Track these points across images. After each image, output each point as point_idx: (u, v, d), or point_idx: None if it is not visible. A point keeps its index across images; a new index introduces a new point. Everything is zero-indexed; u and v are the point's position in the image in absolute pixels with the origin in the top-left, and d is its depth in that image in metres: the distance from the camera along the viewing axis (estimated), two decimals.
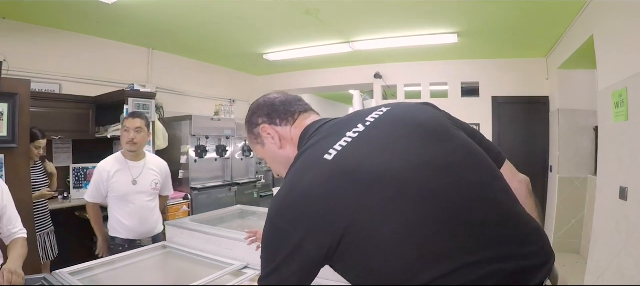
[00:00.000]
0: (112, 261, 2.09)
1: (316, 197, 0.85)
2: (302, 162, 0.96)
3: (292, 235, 0.85)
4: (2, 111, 2.84)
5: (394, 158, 0.88)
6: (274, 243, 0.90)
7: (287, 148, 1.14)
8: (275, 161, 1.19)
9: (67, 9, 3.84)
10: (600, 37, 3.27)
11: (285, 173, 1.10)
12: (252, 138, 1.22)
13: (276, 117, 1.16)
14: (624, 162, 2.70)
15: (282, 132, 1.15)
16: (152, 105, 4.18)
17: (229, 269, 1.86)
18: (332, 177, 0.86)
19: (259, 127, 1.17)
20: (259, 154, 1.24)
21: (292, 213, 0.87)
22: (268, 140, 1.16)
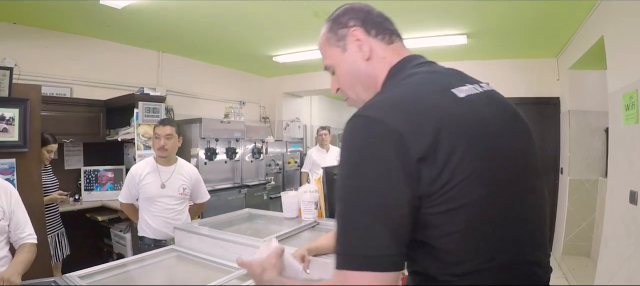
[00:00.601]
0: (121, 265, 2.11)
1: (447, 117, 0.75)
2: (421, 82, 0.86)
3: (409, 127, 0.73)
4: (13, 116, 2.89)
5: (513, 140, 0.87)
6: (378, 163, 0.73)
7: (374, 64, 0.98)
8: (353, 75, 1.01)
9: (77, 14, 3.90)
10: (610, 37, 3.23)
11: (361, 92, 1.00)
12: (332, 39, 1.02)
13: (372, 26, 1.00)
14: (634, 166, 2.67)
15: (375, 46, 0.98)
16: (161, 109, 4.21)
17: (236, 273, 1.86)
18: (465, 116, 0.78)
19: (348, 28, 0.99)
20: (328, 59, 1.05)
21: (411, 112, 0.76)
22: (353, 46, 0.99)
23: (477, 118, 0.80)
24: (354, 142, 0.78)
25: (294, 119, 7.67)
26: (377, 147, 0.74)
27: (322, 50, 1.06)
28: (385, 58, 0.97)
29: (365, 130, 0.76)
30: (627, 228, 2.70)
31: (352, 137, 0.78)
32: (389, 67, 0.97)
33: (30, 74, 4.07)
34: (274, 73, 7.30)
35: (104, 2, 3.51)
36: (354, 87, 1.02)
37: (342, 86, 1.05)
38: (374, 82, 0.97)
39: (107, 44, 4.87)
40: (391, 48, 0.99)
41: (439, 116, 0.75)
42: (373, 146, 0.74)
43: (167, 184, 2.79)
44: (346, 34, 0.99)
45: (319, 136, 5.45)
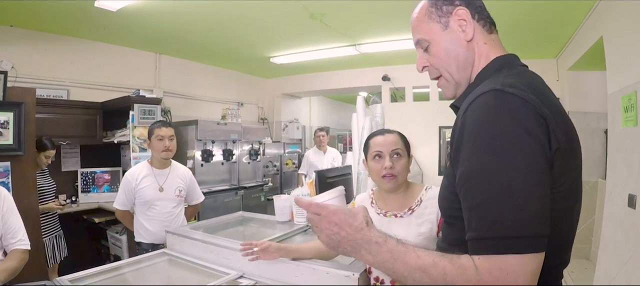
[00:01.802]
0: (112, 269, 2.10)
1: (567, 121, 0.82)
2: (540, 79, 0.90)
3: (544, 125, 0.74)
4: (7, 120, 2.89)
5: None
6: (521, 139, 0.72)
7: (475, 48, 0.96)
8: (450, 53, 0.97)
9: (73, 16, 3.90)
10: (609, 38, 3.20)
11: (454, 71, 0.98)
12: (433, 14, 0.99)
13: (475, 10, 0.97)
14: (633, 169, 2.63)
15: (477, 30, 0.96)
16: (157, 111, 4.20)
17: (225, 278, 1.85)
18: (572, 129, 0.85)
19: (454, 6, 0.96)
20: (423, 33, 1.01)
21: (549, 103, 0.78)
22: (456, 25, 0.96)
23: (574, 133, 0.85)
24: (500, 116, 0.74)
25: (292, 120, 7.65)
26: (527, 125, 0.72)
27: (418, 24, 1.03)
28: (486, 45, 0.96)
29: (514, 105, 0.74)
30: (625, 233, 2.66)
31: (499, 110, 0.74)
32: (490, 57, 0.95)
33: (27, 77, 4.07)
34: (273, 75, 7.29)
35: (99, 5, 3.50)
36: (449, 66, 0.99)
37: (435, 63, 1.01)
38: (470, 65, 0.96)
39: (105, 46, 4.86)
40: (491, 38, 0.98)
41: (564, 117, 0.80)
42: (524, 122, 0.72)
43: (164, 187, 2.78)
44: (452, 11, 0.96)
45: (316, 137, 5.43)
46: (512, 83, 0.78)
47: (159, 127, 2.78)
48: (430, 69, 1.04)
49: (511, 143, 0.71)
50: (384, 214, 1.58)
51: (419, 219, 1.51)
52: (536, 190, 0.70)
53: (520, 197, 0.70)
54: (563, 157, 0.74)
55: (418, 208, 1.53)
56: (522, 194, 0.70)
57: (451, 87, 1.02)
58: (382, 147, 1.57)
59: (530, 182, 0.70)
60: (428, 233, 1.47)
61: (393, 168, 1.53)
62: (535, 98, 0.74)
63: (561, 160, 0.74)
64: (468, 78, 0.98)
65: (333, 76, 6.88)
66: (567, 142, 0.75)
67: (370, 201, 1.67)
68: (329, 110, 9.64)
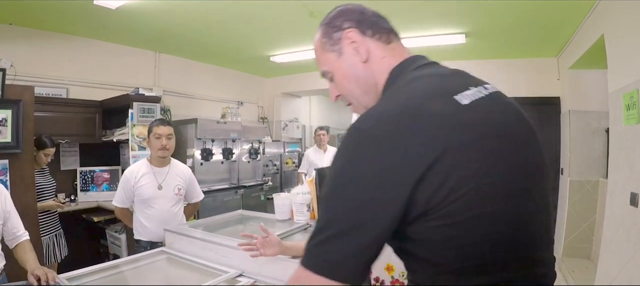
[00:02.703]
0: (110, 267, 2.09)
1: (446, 128, 0.71)
2: (423, 89, 0.80)
3: (400, 165, 0.69)
4: (6, 117, 2.87)
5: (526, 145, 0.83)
6: (367, 177, 0.70)
7: (373, 66, 0.93)
8: (352, 78, 0.96)
9: (72, 14, 3.89)
10: (610, 37, 3.19)
11: (359, 96, 0.96)
12: (327, 44, 0.97)
13: (368, 26, 0.95)
14: (635, 168, 2.62)
15: (372, 47, 0.93)
16: (156, 109, 4.19)
17: (224, 277, 1.84)
18: (469, 125, 0.73)
19: (342, 31, 0.95)
20: (324, 65, 1.00)
21: (409, 138, 0.70)
22: (349, 49, 0.94)
23: (481, 127, 0.75)
24: (347, 155, 0.76)
25: (292, 119, 7.64)
26: (369, 164, 0.71)
27: (318, 57, 1.02)
28: (384, 58, 0.93)
29: (360, 145, 0.73)
30: (627, 232, 2.65)
31: (346, 149, 0.76)
32: (389, 69, 0.92)
33: (26, 75, 4.06)
34: (273, 74, 7.28)
35: (98, 3, 3.48)
36: (354, 92, 0.97)
37: (341, 92, 1.00)
38: (373, 84, 0.93)
39: (104, 44, 4.85)
40: (390, 47, 0.95)
41: (439, 130, 0.71)
42: (365, 162, 0.71)
43: (163, 185, 2.76)
44: (341, 37, 0.95)
45: (316, 136, 5.41)
46: (373, 114, 0.77)
47: (157, 126, 2.75)
48: (342, 98, 1.02)
49: (348, 180, 0.73)
50: None
51: None
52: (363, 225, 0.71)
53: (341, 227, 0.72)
54: (438, 175, 0.68)
55: None
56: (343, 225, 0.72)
57: (363, 111, 0.99)
58: None
59: (356, 218, 0.72)
60: None
61: None
62: (387, 129, 0.71)
63: (437, 179, 0.68)
64: (377, 98, 0.94)
65: None
66: (440, 157, 0.68)
67: None
68: (329, 109, 9.62)
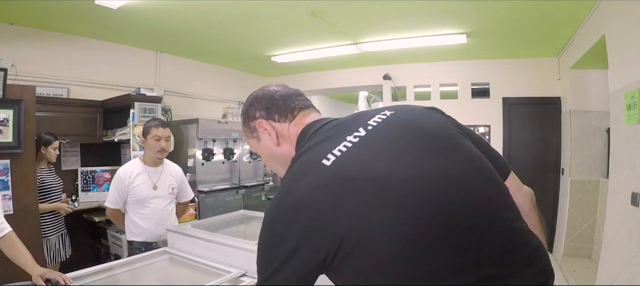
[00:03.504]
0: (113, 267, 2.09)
1: (313, 203, 0.80)
2: (300, 166, 0.91)
3: (288, 240, 0.80)
4: (7, 117, 2.87)
5: (397, 166, 0.83)
6: (269, 247, 0.85)
7: (284, 146, 1.09)
8: (271, 158, 1.13)
9: (73, 14, 3.88)
10: (611, 37, 3.19)
11: (281, 171, 1.09)
12: (248, 132, 1.14)
13: (275, 112, 1.10)
14: (636, 167, 2.62)
15: (280, 129, 1.09)
16: (158, 109, 4.19)
17: (227, 277, 1.84)
18: (329, 184, 0.81)
19: (255, 121, 1.11)
20: (253, 148, 1.18)
21: (289, 218, 0.82)
22: (264, 136, 1.10)
23: (341, 179, 0.82)
24: (261, 231, 0.88)
25: None
26: (271, 244, 0.85)
27: (246, 141, 1.18)
28: (290, 137, 1.07)
29: (263, 228, 0.88)
30: (628, 231, 2.65)
31: (262, 226, 0.89)
32: (295, 142, 1.06)
33: (27, 75, 4.05)
34: (274, 74, 7.27)
35: (99, 3, 3.48)
36: (276, 169, 1.14)
37: (266, 165, 1.18)
38: (287, 161, 1.01)
39: (105, 44, 4.84)
40: (293, 124, 1.08)
41: (304, 208, 0.81)
42: (268, 243, 0.86)
43: (158, 185, 2.75)
44: (255, 126, 1.11)
45: None
46: (275, 204, 0.88)
47: (156, 127, 2.73)
48: (269, 170, 1.20)
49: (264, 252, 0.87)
50: None
51: None
52: None
53: None
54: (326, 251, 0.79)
55: None
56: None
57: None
58: None
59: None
60: None
61: None
62: (289, 217, 0.83)
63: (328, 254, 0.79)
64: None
65: (334, 75, 6.86)
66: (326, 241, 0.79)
67: None
68: (330, 109, 9.62)
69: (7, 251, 1.88)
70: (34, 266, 1.82)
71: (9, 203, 2.89)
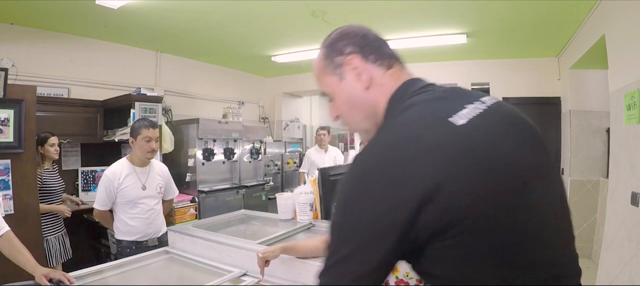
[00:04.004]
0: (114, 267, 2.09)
1: (437, 159, 0.70)
2: (418, 116, 0.79)
3: (399, 194, 0.69)
4: (8, 117, 2.87)
5: (522, 151, 0.80)
6: (371, 200, 0.72)
7: (373, 92, 0.93)
8: (352, 103, 0.96)
9: (74, 14, 3.89)
10: (611, 37, 3.19)
11: (359, 121, 0.97)
12: (327, 67, 0.97)
13: (370, 52, 0.94)
14: (636, 167, 2.63)
15: (374, 73, 0.93)
16: (158, 109, 4.19)
17: (228, 276, 1.84)
18: (458, 144, 0.72)
19: (345, 56, 0.94)
20: (325, 87, 1.00)
21: (406, 169, 0.70)
22: (351, 75, 0.94)
23: (477, 146, 0.74)
24: (351, 184, 0.78)
25: (293, 119, 7.64)
26: (372, 194, 0.73)
27: (318, 78, 1.02)
28: (384, 85, 0.92)
29: (363, 175, 0.75)
30: (628, 231, 2.66)
31: (350, 179, 0.78)
32: (388, 95, 0.91)
33: (28, 75, 4.06)
34: (274, 74, 7.28)
35: (100, 3, 3.49)
36: (354, 117, 0.97)
37: (341, 115, 1.00)
38: (374, 111, 0.93)
39: (105, 44, 4.85)
40: (389, 73, 0.94)
41: (437, 161, 0.70)
42: (368, 192, 0.73)
43: (147, 185, 2.76)
44: (343, 62, 0.94)
45: (317, 136, 5.41)
46: (371, 147, 0.79)
47: (146, 127, 2.70)
48: (341, 119, 1.02)
49: (351, 211, 0.76)
50: None
51: None
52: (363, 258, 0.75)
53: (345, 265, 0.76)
54: (437, 201, 0.68)
55: None
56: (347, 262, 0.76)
57: (363, 135, 1.01)
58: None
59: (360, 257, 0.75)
60: None
61: None
62: (387, 163, 0.73)
63: (437, 205, 0.69)
64: (377, 124, 0.94)
65: None
66: (439, 185, 0.68)
67: None
68: None
69: (6, 251, 1.87)
70: (35, 265, 1.82)
71: (10, 203, 2.90)
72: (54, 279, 1.74)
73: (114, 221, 2.75)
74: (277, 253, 1.65)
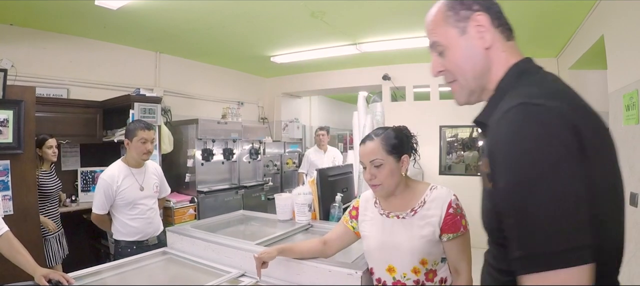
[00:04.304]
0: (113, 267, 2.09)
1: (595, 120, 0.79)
2: (564, 83, 0.86)
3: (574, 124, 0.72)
4: (7, 118, 2.88)
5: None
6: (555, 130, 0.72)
7: (492, 56, 0.93)
8: (467, 60, 0.95)
9: (73, 14, 3.88)
10: (610, 37, 3.19)
11: (468, 78, 0.96)
12: (450, 18, 0.96)
13: (495, 16, 0.94)
14: (635, 167, 2.63)
15: (496, 38, 0.93)
16: (157, 110, 4.19)
17: (227, 277, 1.84)
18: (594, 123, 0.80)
19: (472, 11, 0.94)
20: (439, 37, 0.99)
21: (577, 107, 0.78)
22: (474, 31, 0.93)
23: (602, 125, 0.83)
24: (531, 130, 0.73)
25: (293, 119, 7.64)
26: (560, 135, 0.71)
27: (434, 26, 0.99)
28: (504, 52, 0.93)
29: (543, 117, 0.73)
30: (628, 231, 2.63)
31: (529, 124, 0.74)
32: (508, 64, 0.93)
33: (27, 75, 4.06)
34: (273, 74, 7.28)
35: (99, 3, 3.49)
36: (465, 73, 0.97)
37: (450, 68, 0.99)
38: (486, 72, 0.94)
39: (105, 44, 4.85)
40: (509, 45, 0.95)
41: (592, 114, 0.79)
42: (556, 133, 0.72)
43: (144, 185, 2.79)
44: (470, 16, 0.94)
45: (316, 136, 5.42)
46: (537, 93, 0.78)
47: (142, 129, 2.72)
48: (445, 74, 1.01)
49: (546, 156, 0.71)
50: (386, 215, 1.56)
51: (421, 221, 1.48)
52: (578, 201, 0.69)
53: (564, 210, 0.69)
54: (596, 157, 0.73)
55: (421, 210, 1.50)
56: (565, 206, 0.69)
57: (464, 94, 1.00)
58: (363, 158, 1.55)
59: (571, 193, 0.69)
60: (430, 236, 1.45)
61: (375, 178, 1.51)
62: (562, 105, 0.74)
63: (594, 161, 0.73)
64: (483, 86, 0.96)
65: (333, 75, 6.88)
66: (598, 140, 0.75)
67: (374, 201, 1.65)
68: (330, 109, 9.63)
69: (5, 251, 1.87)
70: (35, 266, 1.82)
71: (9, 204, 2.90)
72: (53, 280, 1.75)
73: (113, 224, 2.75)
74: (274, 254, 1.65)
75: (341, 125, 9.64)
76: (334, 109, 9.84)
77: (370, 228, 1.59)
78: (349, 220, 1.70)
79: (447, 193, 1.50)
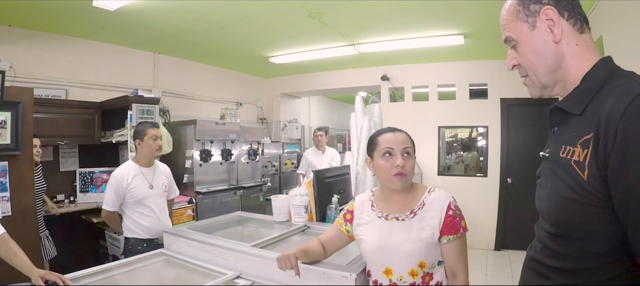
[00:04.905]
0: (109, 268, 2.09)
1: None
2: None
3: None
4: (5, 119, 2.87)
5: None
6: None
7: (563, 49, 0.93)
8: (538, 55, 0.96)
9: (71, 15, 3.89)
10: (609, 38, 3.18)
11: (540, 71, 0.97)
12: (521, 13, 0.98)
13: (565, 8, 0.93)
14: None
15: (566, 30, 0.93)
16: (155, 110, 4.19)
17: (222, 278, 1.84)
18: None
19: (541, 5, 0.94)
20: (511, 32, 1.01)
21: None
22: (543, 26, 0.94)
23: None
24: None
25: (291, 120, 7.64)
26: None
27: (507, 22, 1.01)
28: (577, 46, 0.93)
29: None
30: None
31: None
32: (584, 59, 0.93)
33: (26, 76, 4.07)
34: (272, 74, 7.28)
35: (97, 4, 3.49)
36: (536, 68, 0.98)
37: (522, 63, 1.01)
38: (558, 66, 0.94)
39: (103, 45, 4.85)
40: (583, 38, 0.94)
41: None
42: None
43: (153, 184, 2.86)
44: (538, 11, 0.95)
45: (314, 137, 5.41)
46: None
47: (151, 127, 2.84)
48: (519, 68, 1.04)
49: None
50: (385, 217, 1.54)
51: (420, 223, 1.47)
52: None
53: None
54: None
55: (420, 212, 1.49)
56: None
57: (537, 88, 1.02)
58: (394, 144, 1.52)
59: None
60: (429, 239, 1.44)
61: (404, 166, 1.49)
62: None
63: None
64: (556, 80, 0.97)
65: (332, 76, 6.88)
66: None
67: (371, 203, 1.63)
68: (328, 110, 9.63)
69: (2, 253, 1.88)
70: (31, 267, 1.83)
71: (7, 205, 2.90)
72: (49, 280, 1.75)
73: (124, 221, 2.83)
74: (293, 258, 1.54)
75: (340, 126, 9.64)
76: (333, 109, 9.84)
77: (367, 230, 1.58)
78: (343, 224, 1.68)
79: (446, 195, 1.50)
